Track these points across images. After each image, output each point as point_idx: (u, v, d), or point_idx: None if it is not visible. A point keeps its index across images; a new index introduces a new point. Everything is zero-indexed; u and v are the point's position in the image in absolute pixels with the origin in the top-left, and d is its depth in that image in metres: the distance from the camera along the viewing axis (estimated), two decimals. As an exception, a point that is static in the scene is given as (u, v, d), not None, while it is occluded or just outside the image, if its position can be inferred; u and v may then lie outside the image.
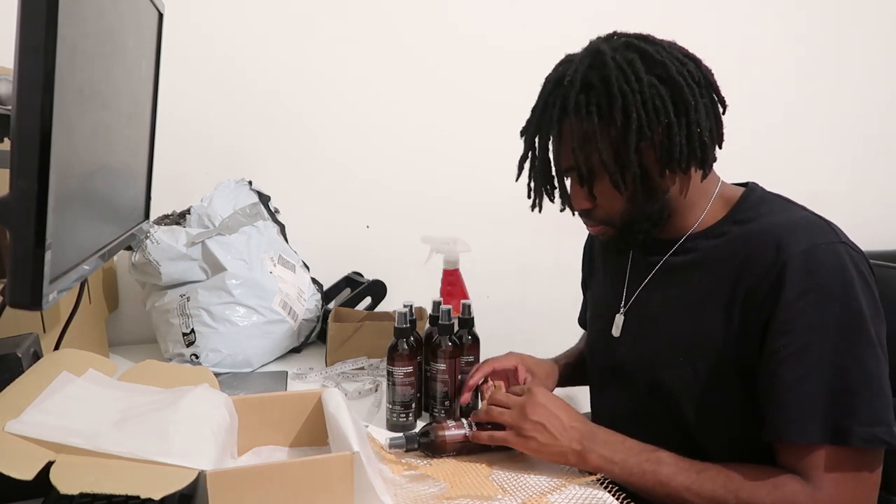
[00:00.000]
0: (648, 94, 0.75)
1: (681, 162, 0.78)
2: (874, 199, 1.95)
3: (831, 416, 0.68)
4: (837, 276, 0.71)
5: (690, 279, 0.82)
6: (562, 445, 0.78)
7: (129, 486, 0.57)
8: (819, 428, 0.68)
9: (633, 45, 0.78)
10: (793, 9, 1.80)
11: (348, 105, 1.53)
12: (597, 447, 0.77)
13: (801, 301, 0.70)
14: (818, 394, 0.69)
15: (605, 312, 0.96)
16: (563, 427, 0.79)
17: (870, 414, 0.68)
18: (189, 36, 1.36)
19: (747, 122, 1.78)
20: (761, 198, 0.83)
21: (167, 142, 1.22)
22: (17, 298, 0.55)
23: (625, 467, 0.76)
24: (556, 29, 1.58)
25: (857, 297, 0.70)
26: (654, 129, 0.76)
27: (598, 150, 0.77)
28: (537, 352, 1.10)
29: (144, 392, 0.81)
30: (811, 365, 0.69)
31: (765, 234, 0.75)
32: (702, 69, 0.80)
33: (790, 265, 0.71)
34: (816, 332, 0.70)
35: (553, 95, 0.80)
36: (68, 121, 0.61)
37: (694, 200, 0.84)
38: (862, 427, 0.67)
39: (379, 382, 1.13)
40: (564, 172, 0.84)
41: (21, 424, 0.62)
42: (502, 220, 1.64)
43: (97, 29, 0.70)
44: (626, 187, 0.79)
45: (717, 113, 0.81)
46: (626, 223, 0.83)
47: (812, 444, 0.69)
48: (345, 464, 0.66)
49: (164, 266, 1.19)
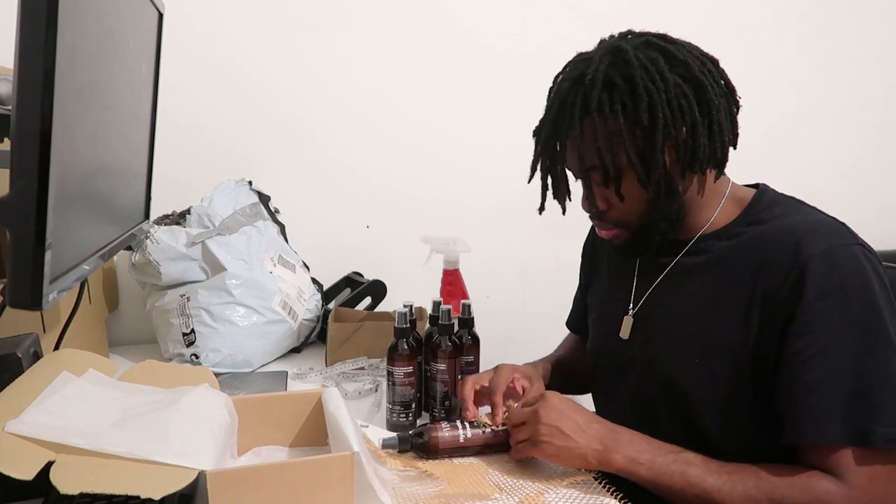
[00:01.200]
0: (674, 93, 0.75)
1: (703, 162, 0.78)
2: (873, 198, 1.95)
3: (853, 419, 0.68)
4: (857, 277, 0.71)
5: (705, 280, 0.82)
6: (581, 447, 0.76)
7: (129, 486, 0.57)
8: (841, 429, 0.68)
9: (653, 44, 0.78)
10: (793, 9, 1.80)
11: (348, 105, 1.53)
12: (621, 447, 0.75)
13: (821, 302, 0.70)
14: (839, 394, 0.69)
15: (611, 314, 0.94)
16: (580, 428, 0.77)
17: (892, 414, 0.68)
18: (189, 36, 1.37)
19: (747, 121, 1.78)
20: (774, 199, 0.83)
21: (167, 142, 1.22)
22: (17, 298, 0.55)
23: (652, 468, 0.74)
24: (557, 29, 1.58)
25: (876, 299, 0.70)
26: (679, 128, 0.76)
27: (625, 149, 0.76)
28: (537, 352, 1.10)
29: (144, 392, 0.81)
30: (832, 366, 0.69)
31: (782, 236, 0.75)
32: (720, 69, 0.80)
33: (810, 266, 0.71)
34: (837, 333, 0.70)
35: (572, 94, 0.78)
36: (68, 121, 0.61)
37: (706, 201, 0.84)
38: (884, 428, 0.67)
39: (379, 382, 1.13)
40: (586, 171, 0.82)
41: (21, 424, 0.62)
42: (502, 220, 1.64)
43: (97, 29, 0.70)
44: (652, 187, 0.78)
45: (733, 113, 0.81)
46: (643, 225, 0.82)
47: (836, 444, 0.69)
48: (345, 464, 0.66)
49: (164, 266, 1.19)
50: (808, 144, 1.87)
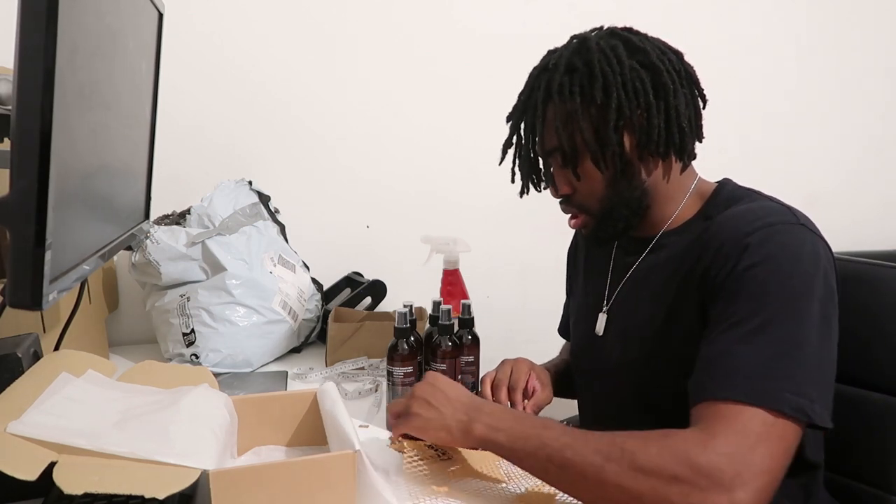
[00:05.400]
0: (629, 76, 0.78)
1: (659, 146, 0.79)
2: (874, 198, 1.95)
3: (755, 378, 0.64)
4: (791, 250, 0.69)
5: (660, 277, 0.83)
6: (446, 417, 0.75)
7: (132, 486, 0.57)
8: (736, 386, 0.63)
9: (616, 34, 0.82)
10: (793, 9, 1.80)
11: (348, 105, 1.53)
12: (483, 417, 0.73)
13: (748, 272, 0.69)
14: (747, 356, 0.65)
15: (589, 313, 0.96)
16: (447, 400, 0.76)
17: (796, 383, 0.63)
18: (189, 36, 1.36)
19: (747, 121, 1.78)
20: (731, 192, 0.83)
21: (167, 142, 1.22)
22: (17, 298, 0.55)
23: (510, 434, 0.70)
24: (557, 30, 1.58)
25: (806, 273, 0.68)
26: (634, 109, 0.78)
27: (580, 129, 0.79)
28: (537, 352, 1.10)
29: (144, 392, 0.81)
30: (746, 331, 0.66)
31: (726, 222, 0.75)
32: (683, 62, 0.82)
33: (743, 243, 0.70)
34: (758, 300, 0.67)
35: (538, 80, 0.83)
36: (68, 121, 0.61)
37: (672, 194, 0.84)
38: (783, 392, 0.62)
39: (379, 382, 1.13)
40: (548, 154, 0.85)
41: (22, 425, 0.62)
42: (502, 220, 1.64)
43: (97, 29, 0.70)
44: (606, 166, 0.80)
45: (697, 106, 0.83)
46: (605, 210, 0.84)
47: (724, 401, 0.63)
48: (346, 462, 0.66)
49: (164, 266, 1.19)
50: (808, 145, 1.87)
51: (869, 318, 0.89)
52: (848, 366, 0.89)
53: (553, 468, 0.67)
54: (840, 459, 0.90)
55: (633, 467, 0.61)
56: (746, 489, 0.58)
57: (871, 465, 0.89)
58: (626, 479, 0.61)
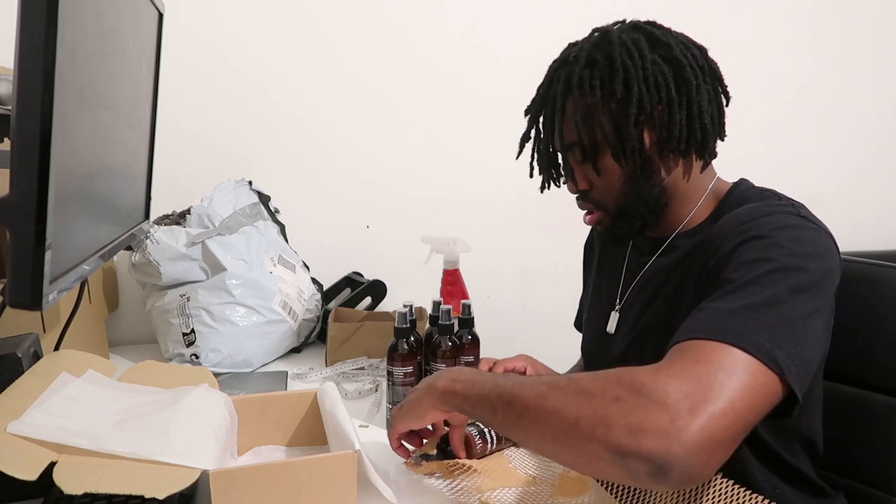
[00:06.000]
0: (651, 70, 0.76)
1: (680, 142, 0.78)
2: (874, 199, 1.95)
3: (729, 323, 0.59)
4: (791, 231, 0.68)
5: (669, 279, 0.82)
6: (418, 390, 0.74)
7: (132, 486, 0.58)
8: (706, 329, 0.58)
9: (639, 27, 0.80)
10: (794, 9, 1.80)
11: (348, 105, 1.53)
12: (447, 374, 0.72)
13: (743, 245, 0.68)
14: (721, 307, 0.61)
15: (601, 310, 0.96)
16: (421, 382, 0.75)
17: (772, 335, 0.57)
18: (189, 36, 1.36)
19: (747, 121, 1.78)
20: (743, 193, 0.82)
21: (167, 142, 1.22)
22: (17, 298, 0.55)
23: (467, 383, 0.68)
24: (557, 30, 1.58)
25: (802, 251, 0.65)
26: (655, 105, 0.76)
27: (600, 123, 0.78)
28: (537, 352, 1.10)
29: (144, 392, 0.81)
30: (727, 290, 0.64)
31: (725, 221, 0.75)
32: (707, 58, 0.80)
33: (738, 230, 0.70)
34: (747, 266, 0.65)
35: (557, 73, 0.81)
36: (68, 121, 0.61)
37: (690, 194, 0.83)
38: (754, 337, 0.57)
39: (379, 382, 1.13)
40: (567, 149, 0.84)
41: (23, 425, 0.62)
42: (502, 220, 1.64)
43: (97, 29, 0.70)
44: (626, 162, 0.79)
45: (720, 103, 0.81)
46: (621, 207, 0.83)
47: (688, 339, 0.59)
48: (346, 462, 0.66)
49: (164, 266, 1.19)
50: (810, 145, 1.87)
51: (870, 319, 0.89)
52: (849, 366, 0.90)
53: (501, 405, 0.63)
54: (840, 459, 0.89)
55: (576, 391, 0.57)
56: (696, 413, 0.50)
57: (871, 466, 0.89)
58: (565, 402, 0.57)
